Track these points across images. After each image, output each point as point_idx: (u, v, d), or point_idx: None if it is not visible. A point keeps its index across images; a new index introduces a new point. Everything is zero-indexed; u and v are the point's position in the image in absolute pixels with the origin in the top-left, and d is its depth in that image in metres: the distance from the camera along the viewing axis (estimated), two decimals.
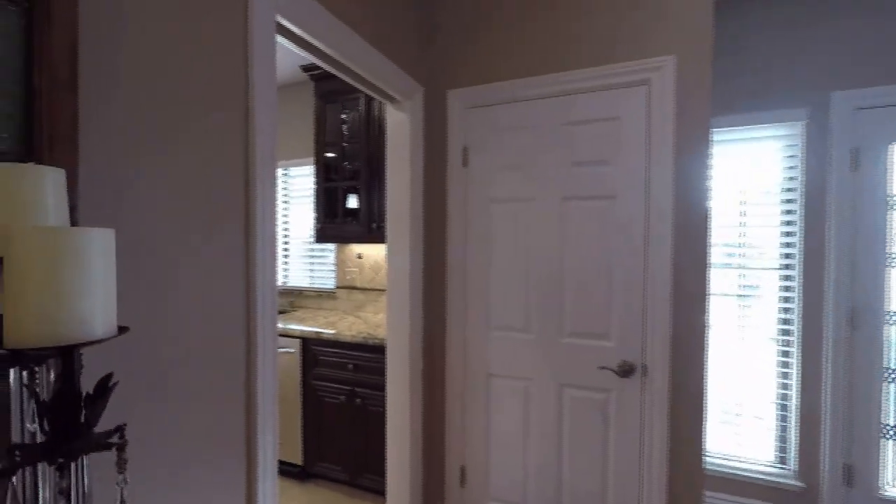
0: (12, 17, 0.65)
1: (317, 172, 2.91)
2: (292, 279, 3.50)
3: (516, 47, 1.92)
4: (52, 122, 0.67)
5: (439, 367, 2.10)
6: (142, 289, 0.85)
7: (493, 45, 1.97)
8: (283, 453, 2.62)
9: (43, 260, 0.37)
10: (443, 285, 2.08)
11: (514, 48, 1.93)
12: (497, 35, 1.96)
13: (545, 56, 1.87)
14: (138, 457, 0.86)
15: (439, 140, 2.08)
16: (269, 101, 1.14)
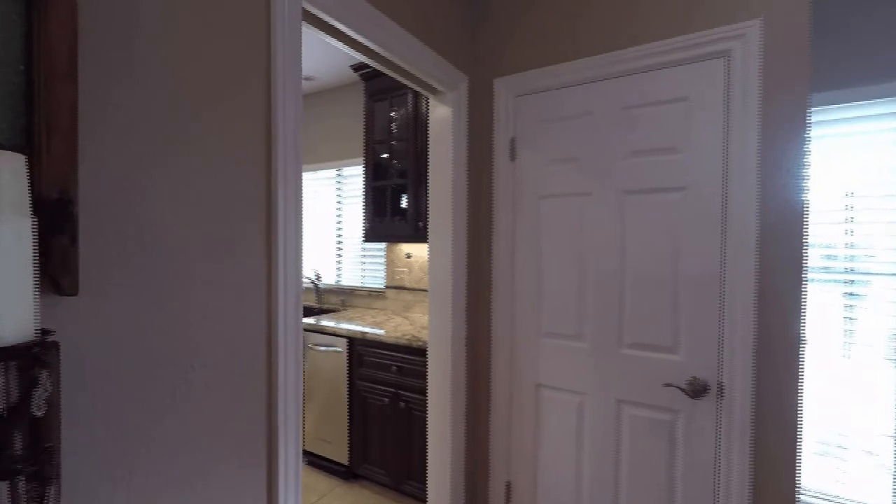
0: (13, 4, 0.63)
1: (366, 171, 2.90)
2: (345, 278, 3.54)
3: (570, 25, 1.75)
4: (50, 113, 0.65)
5: (484, 374, 1.98)
6: (153, 288, 0.82)
7: (544, 24, 1.81)
8: (331, 451, 2.63)
9: None
10: (488, 288, 1.96)
11: (568, 27, 1.75)
12: (548, 13, 1.80)
13: (602, 33, 1.68)
14: (164, 456, 0.83)
15: (485, 132, 1.96)
16: (294, 94, 1.09)
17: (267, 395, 1.04)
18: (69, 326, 0.69)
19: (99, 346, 0.73)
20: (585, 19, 1.72)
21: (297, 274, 1.12)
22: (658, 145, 1.60)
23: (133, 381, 0.79)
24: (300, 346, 1.13)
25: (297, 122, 1.11)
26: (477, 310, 1.99)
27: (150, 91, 0.81)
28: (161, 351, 0.83)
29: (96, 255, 0.73)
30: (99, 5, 0.74)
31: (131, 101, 0.79)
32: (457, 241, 1.89)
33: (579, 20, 1.73)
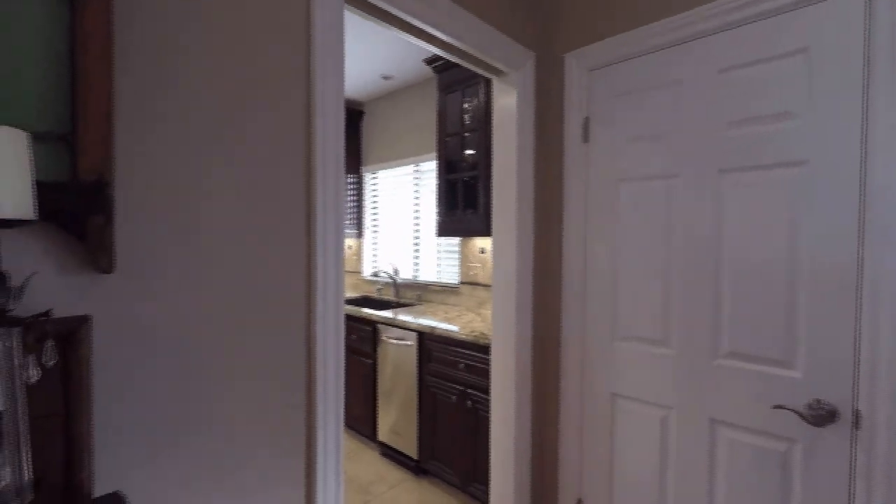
0: (59, 3, 0.68)
1: (439, 165, 2.88)
2: (422, 273, 3.57)
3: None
4: (88, 101, 0.69)
5: (552, 378, 1.81)
6: (187, 273, 0.85)
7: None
8: (402, 444, 2.65)
9: None
10: (557, 285, 1.79)
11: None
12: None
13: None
14: (205, 434, 0.87)
15: (554, 114, 1.79)
16: (335, 87, 1.08)
17: (306, 378, 1.04)
18: (104, 303, 0.74)
19: (133, 324, 0.78)
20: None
21: (336, 264, 1.10)
22: (766, 111, 1.30)
23: (167, 359, 0.82)
24: (340, 333, 1.11)
25: (339, 104, 1.09)
26: (545, 308, 1.83)
27: (190, 83, 0.84)
28: (195, 333, 0.86)
29: (132, 238, 0.78)
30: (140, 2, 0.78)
31: (171, 91, 0.82)
32: (521, 233, 1.75)
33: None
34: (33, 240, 0.67)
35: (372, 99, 3.88)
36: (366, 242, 4.08)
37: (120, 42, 0.75)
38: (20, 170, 0.52)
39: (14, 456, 0.50)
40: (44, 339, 0.56)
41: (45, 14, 0.67)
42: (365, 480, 2.56)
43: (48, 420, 0.63)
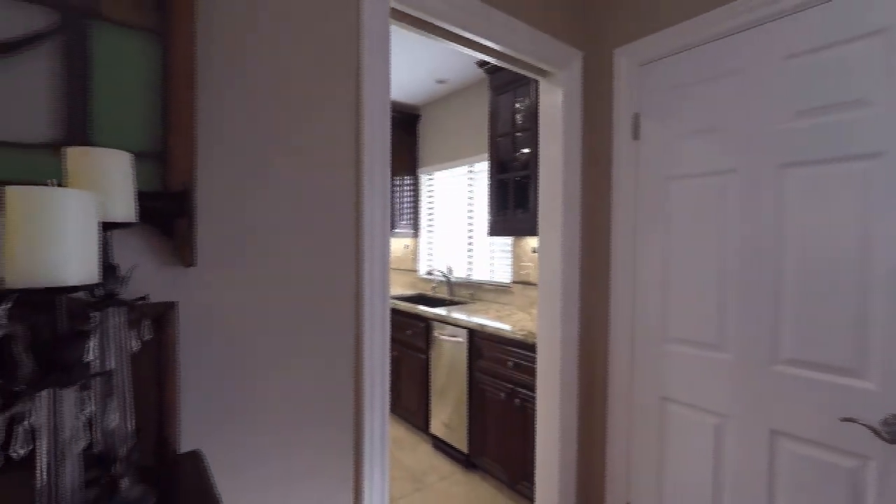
0: (152, 42, 0.83)
1: (490, 165, 2.92)
2: (476, 273, 3.63)
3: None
4: (175, 125, 0.83)
5: (600, 379, 1.79)
6: (256, 265, 0.98)
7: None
8: (452, 437, 2.73)
9: (23, 213, 0.44)
10: (605, 285, 1.76)
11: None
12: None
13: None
14: (269, 407, 1.00)
15: (602, 111, 1.76)
16: (381, 96, 1.17)
17: (355, 360, 1.15)
18: (187, 291, 0.88)
19: (210, 309, 0.92)
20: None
21: (383, 260, 1.19)
22: (837, 99, 1.20)
23: (241, 339, 0.96)
24: (386, 321, 1.20)
25: (385, 115, 1.18)
26: (592, 308, 1.81)
27: (255, 102, 0.98)
28: (264, 316, 0.99)
29: (210, 237, 0.91)
30: (214, 37, 0.92)
31: (240, 113, 0.96)
32: (567, 231, 1.75)
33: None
34: (134, 238, 0.82)
35: (427, 103, 4.01)
36: (422, 242, 4.21)
37: (201, 72, 0.89)
38: (127, 183, 0.65)
39: (121, 406, 0.63)
40: (142, 319, 0.70)
41: (144, 53, 0.82)
42: (417, 470, 2.67)
43: (144, 384, 0.78)
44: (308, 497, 1.06)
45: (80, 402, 0.49)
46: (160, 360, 0.81)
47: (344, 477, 1.13)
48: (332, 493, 1.11)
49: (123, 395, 0.64)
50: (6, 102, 0.71)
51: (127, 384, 0.65)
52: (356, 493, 1.15)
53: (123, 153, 0.64)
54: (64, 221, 0.46)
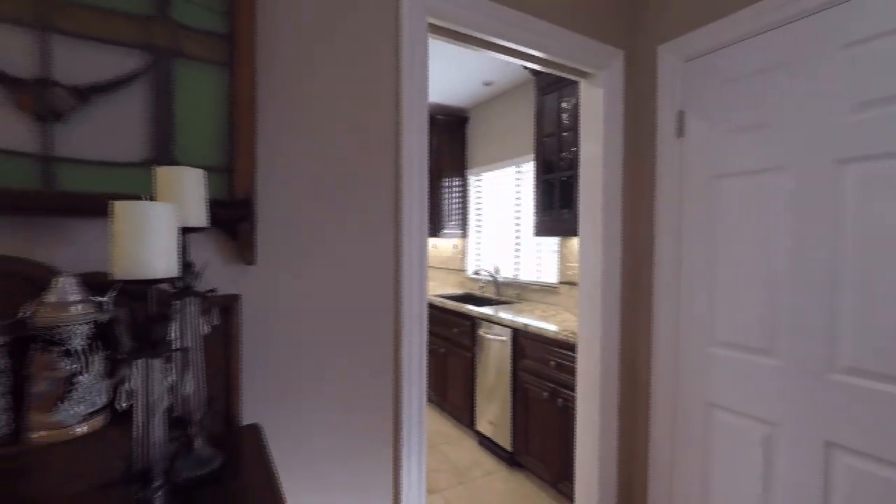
0: (222, 73, 0.97)
1: (536, 165, 2.92)
2: (522, 273, 3.64)
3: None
4: (239, 144, 0.97)
5: (642, 382, 1.76)
6: (306, 263, 1.11)
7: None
8: (496, 435, 2.77)
9: (127, 222, 0.57)
10: (648, 286, 1.73)
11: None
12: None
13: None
14: (317, 389, 1.12)
15: (645, 110, 1.74)
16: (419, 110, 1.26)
17: (394, 347, 1.24)
18: (249, 285, 1.02)
19: (268, 302, 1.05)
20: None
21: (420, 257, 1.28)
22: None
23: (294, 328, 1.09)
24: (423, 314, 1.29)
25: (423, 129, 1.27)
26: (634, 310, 1.79)
27: (304, 125, 1.10)
28: (313, 308, 1.11)
29: (267, 239, 1.05)
30: (272, 67, 1.05)
31: (292, 130, 1.08)
32: (608, 231, 1.74)
33: None
34: (206, 240, 0.97)
35: (475, 105, 4.07)
36: (470, 242, 4.28)
37: (260, 98, 1.02)
38: (200, 194, 0.78)
39: (195, 378, 0.77)
40: (212, 308, 0.83)
41: (215, 83, 0.97)
42: (462, 465, 2.75)
43: (214, 364, 0.92)
44: (352, 473, 1.18)
45: (164, 371, 0.62)
46: (226, 344, 0.95)
47: (384, 456, 1.23)
48: (375, 471, 1.21)
49: (197, 370, 0.78)
50: (112, 130, 0.87)
51: (199, 361, 0.78)
52: (395, 472, 1.25)
53: (197, 170, 0.78)
54: (153, 228, 0.58)
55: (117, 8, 0.87)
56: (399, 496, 1.25)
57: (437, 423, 3.36)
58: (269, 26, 1.05)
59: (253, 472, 0.81)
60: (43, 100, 0.82)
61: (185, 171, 0.76)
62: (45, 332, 0.71)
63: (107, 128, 0.87)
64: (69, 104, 0.84)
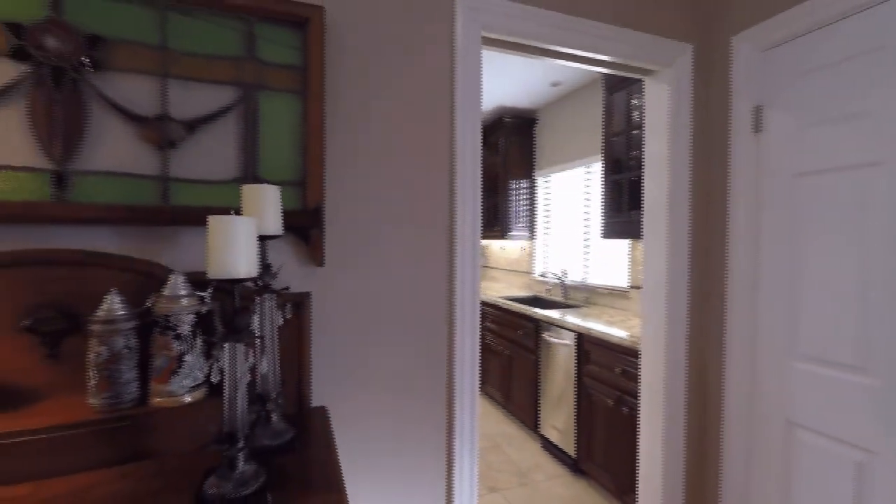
0: (297, 100, 1.12)
1: (604, 166, 2.84)
2: (592, 276, 3.54)
3: None
4: (309, 161, 1.11)
5: (713, 396, 1.65)
6: (368, 264, 1.22)
7: None
8: (560, 440, 2.74)
9: (217, 233, 0.71)
10: (720, 293, 1.62)
11: None
12: None
13: None
14: (377, 377, 1.24)
15: (717, 104, 1.63)
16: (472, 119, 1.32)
17: (447, 342, 1.33)
18: (318, 283, 1.16)
19: (335, 299, 1.18)
20: None
21: (473, 260, 1.34)
22: None
23: (357, 322, 1.21)
24: (476, 314, 1.35)
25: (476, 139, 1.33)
26: (704, 316, 1.68)
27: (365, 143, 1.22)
28: (375, 304, 1.23)
29: (334, 243, 1.18)
30: (338, 94, 1.19)
31: (355, 147, 1.21)
32: (674, 233, 1.66)
33: None
34: (284, 245, 1.13)
35: (543, 106, 4.03)
36: (538, 244, 4.24)
37: (328, 121, 1.16)
38: (277, 207, 0.93)
39: (272, 362, 0.91)
40: (285, 303, 0.97)
41: (291, 110, 1.12)
42: (524, 466, 2.75)
43: (289, 353, 1.07)
44: (407, 455, 1.28)
45: (246, 354, 0.75)
46: (299, 335, 1.09)
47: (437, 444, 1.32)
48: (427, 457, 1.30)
49: (273, 355, 0.92)
50: (211, 153, 1.05)
51: (275, 348, 0.93)
52: (448, 460, 1.33)
53: (274, 187, 0.92)
54: (237, 237, 0.72)
55: (215, 53, 1.05)
56: (451, 484, 1.32)
57: (502, 424, 3.38)
58: (336, 56, 1.18)
59: (318, 446, 0.93)
60: (162, 132, 1.02)
61: (264, 188, 0.90)
62: (162, 318, 0.89)
63: (207, 152, 1.05)
64: (180, 135, 1.03)
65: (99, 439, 0.82)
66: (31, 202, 0.92)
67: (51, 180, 0.94)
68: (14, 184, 0.92)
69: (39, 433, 0.79)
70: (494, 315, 3.64)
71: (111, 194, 0.98)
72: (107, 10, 0.98)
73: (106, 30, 0.97)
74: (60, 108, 0.94)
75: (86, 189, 0.96)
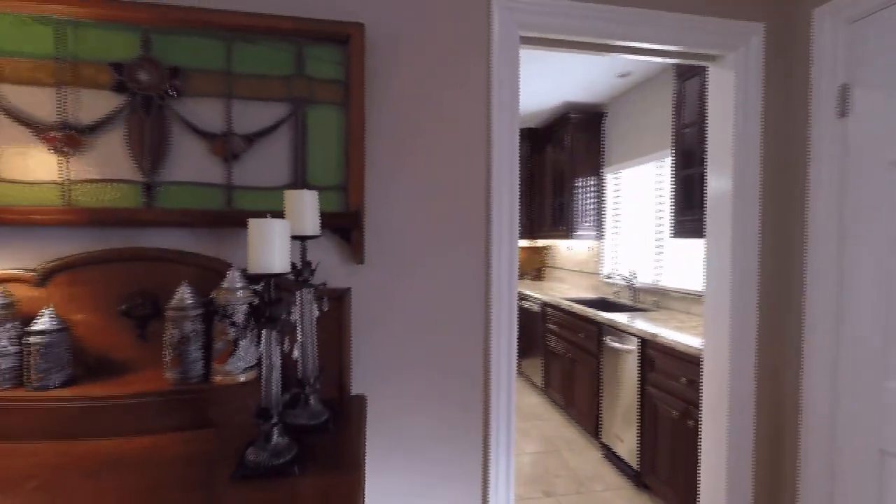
0: (340, 111, 1.22)
1: (674, 160, 2.64)
2: (665, 278, 3.30)
3: None
4: (350, 168, 1.20)
5: (788, 417, 1.48)
6: (402, 262, 1.29)
7: None
8: (622, 450, 2.60)
9: (255, 233, 0.81)
10: (796, 299, 1.45)
11: None
12: None
13: None
14: (414, 368, 1.31)
15: (792, 87, 1.46)
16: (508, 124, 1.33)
17: (483, 340, 1.35)
18: (358, 280, 1.25)
19: (374, 295, 1.27)
20: None
21: (510, 260, 1.35)
22: None
23: (396, 315, 1.29)
24: (513, 314, 1.35)
25: (513, 145, 1.34)
26: (776, 329, 1.51)
27: (403, 150, 1.29)
28: (409, 302, 1.30)
29: (373, 244, 1.27)
30: (376, 106, 1.27)
31: (393, 155, 1.28)
32: (741, 233, 1.50)
33: None
34: (328, 244, 1.23)
35: (612, 99, 3.84)
36: (606, 244, 4.05)
37: (368, 130, 1.24)
38: (315, 211, 1.02)
39: (309, 349, 1.01)
40: (322, 296, 1.07)
41: (335, 121, 1.22)
42: (582, 474, 2.66)
43: (330, 344, 1.17)
44: (444, 439, 1.32)
45: (281, 340, 0.85)
46: (339, 327, 1.19)
47: (472, 442, 1.34)
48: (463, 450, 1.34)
49: (311, 343, 1.02)
50: (266, 163, 1.19)
51: (313, 336, 1.02)
52: (484, 452, 1.35)
53: (312, 192, 1.02)
54: (272, 237, 0.81)
55: (270, 73, 1.19)
56: (487, 480, 1.34)
57: (561, 429, 3.29)
58: (376, 68, 1.26)
59: (350, 429, 1.01)
60: (227, 146, 1.17)
61: (302, 193, 1.00)
62: (221, 308, 1.03)
63: (263, 162, 1.19)
64: (242, 148, 1.18)
65: (171, 407, 0.98)
66: (130, 209, 1.12)
67: (142, 190, 1.13)
68: (117, 193, 1.13)
69: (127, 398, 0.96)
70: (556, 317, 3.55)
71: (186, 201, 1.15)
72: (185, 44, 1.15)
73: (184, 61, 1.15)
74: (149, 130, 1.13)
75: (167, 197, 1.14)
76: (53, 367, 0.99)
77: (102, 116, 1.11)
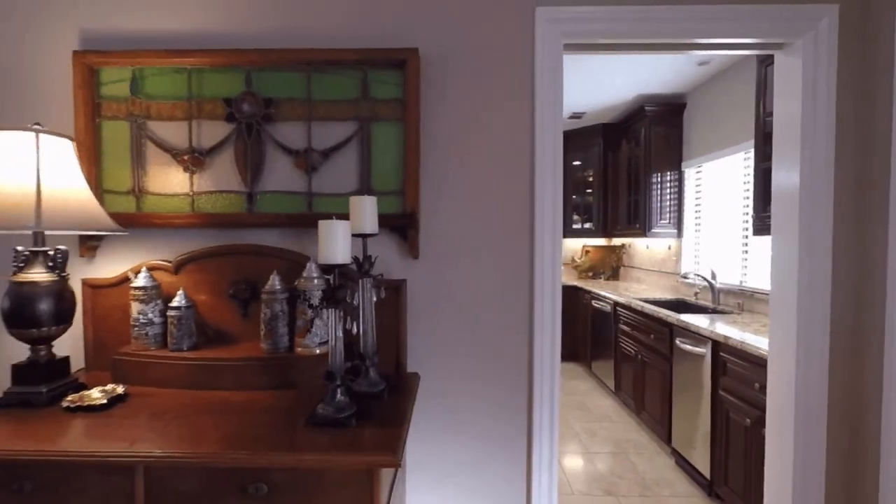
0: (399, 126, 1.41)
1: (756, 151, 2.46)
2: (750, 279, 3.06)
3: None
4: (407, 174, 1.38)
5: (869, 429, 1.36)
6: (450, 258, 1.44)
7: None
8: (694, 457, 2.49)
9: (323, 232, 1.02)
10: (878, 305, 1.33)
11: None
12: None
13: None
14: (464, 352, 1.46)
15: (873, 73, 1.34)
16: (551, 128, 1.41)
17: (528, 334, 1.45)
18: (413, 273, 1.42)
19: (428, 287, 1.43)
20: None
21: (553, 257, 1.43)
22: None
23: (447, 304, 1.44)
24: (557, 309, 1.43)
25: (557, 148, 1.42)
26: (851, 329, 1.39)
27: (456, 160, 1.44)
28: (461, 293, 1.44)
29: (427, 241, 1.43)
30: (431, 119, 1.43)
31: (446, 163, 1.44)
32: (809, 230, 1.42)
33: None
34: (389, 241, 1.43)
35: (692, 89, 3.62)
36: (686, 242, 3.82)
37: (423, 142, 1.41)
38: (373, 213, 1.22)
39: (368, 329, 1.21)
40: (380, 286, 1.26)
41: (395, 134, 1.41)
42: (650, 479, 2.59)
43: (389, 329, 1.36)
44: (489, 415, 1.45)
45: (344, 319, 1.05)
46: (396, 314, 1.38)
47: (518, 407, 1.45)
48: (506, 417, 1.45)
49: (370, 323, 1.21)
50: (338, 173, 1.42)
51: (372, 318, 1.22)
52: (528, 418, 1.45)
53: (372, 198, 1.21)
54: (336, 234, 1.01)
55: (341, 98, 1.41)
56: (531, 438, 1.44)
57: (630, 432, 3.20)
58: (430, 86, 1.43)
59: (401, 397, 1.19)
60: (308, 161, 1.42)
61: (364, 199, 1.20)
62: (302, 292, 1.27)
63: (336, 172, 1.42)
64: (319, 161, 1.42)
65: (264, 370, 1.24)
66: (237, 213, 1.42)
67: (245, 198, 1.42)
68: (228, 201, 1.43)
69: (233, 361, 1.24)
70: (628, 317, 3.45)
71: (277, 207, 1.42)
72: (276, 79, 1.42)
73: (275, 93, 1.41)
74: (250, 150, 1.42)
75: (263, 204, 1.42)
76: (185, 335, 1.31)
77: (217, 141, 1.42)
